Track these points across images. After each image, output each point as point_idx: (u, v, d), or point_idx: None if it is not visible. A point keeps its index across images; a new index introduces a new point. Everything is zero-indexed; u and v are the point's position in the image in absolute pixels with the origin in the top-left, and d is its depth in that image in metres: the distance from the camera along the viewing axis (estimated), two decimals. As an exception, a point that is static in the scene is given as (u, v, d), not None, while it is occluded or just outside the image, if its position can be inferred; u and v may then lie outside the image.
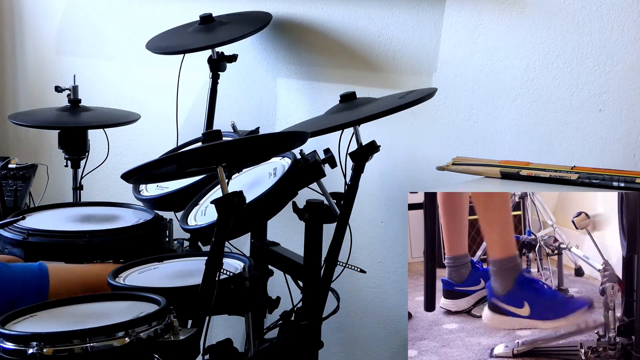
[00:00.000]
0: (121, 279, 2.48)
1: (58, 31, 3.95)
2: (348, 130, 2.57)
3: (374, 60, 3.04)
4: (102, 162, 3.40)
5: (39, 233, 2.71)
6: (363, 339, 3.18)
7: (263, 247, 2.90)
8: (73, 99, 3.31)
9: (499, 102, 2.80)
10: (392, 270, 3.08)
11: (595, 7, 2.61)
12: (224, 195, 2.23)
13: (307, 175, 2.57)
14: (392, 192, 3.05)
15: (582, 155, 2.65)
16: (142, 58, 3.39)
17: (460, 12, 2.85)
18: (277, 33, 3.26)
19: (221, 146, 2.26)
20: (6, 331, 2.07)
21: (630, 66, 2.57)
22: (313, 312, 2.61)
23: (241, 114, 3.34)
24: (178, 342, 2.10)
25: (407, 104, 2.51)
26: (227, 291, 2.39)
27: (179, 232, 2.75)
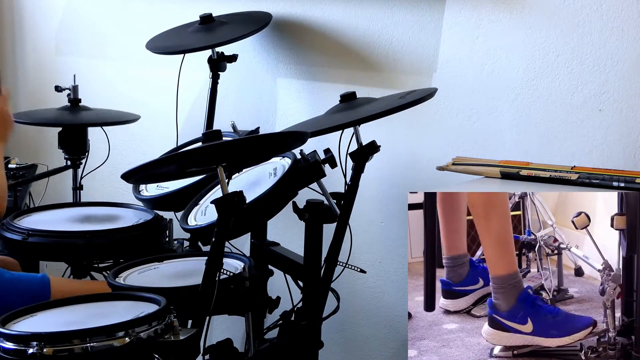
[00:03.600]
0: (121, 279, 2.48)
1: (58, 31, 3.95)
2: (348, 130, 2.57)
3: (374, 60, 3.04)
4: (103, 162, 3.40)
5: (39, 233, 2.71)
6: (363, 339, 3.18)
7: (263, 247, 2.90)
8: (73, 98, 3.32)
9: (499, 102, 2.80)
10: (392, 270, 3.08)
11: (595, 7, 2.61)
12: (224, 195, 2.23)
13: (307, 175, 2.57)
14: (392, 192, 3.05)
15: (582, 155, 2.65)
16: (142, 58, 3.39)
17: (460, 12, 2.85)
18: (277, 33, 3.26)
19: (221, 146, 2.26)
20: (6, 331, 2.07)
21: (630, 66, 2.57)
22: (313, 312, 2.61)
23: (241, 114, 3.34)
24: (178, 342, 2.10)
25: (407, 104, 2.51)
26: (227, 291, 2.39)
27: (179, 232, 2.75)
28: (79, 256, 2.71)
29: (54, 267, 3.14)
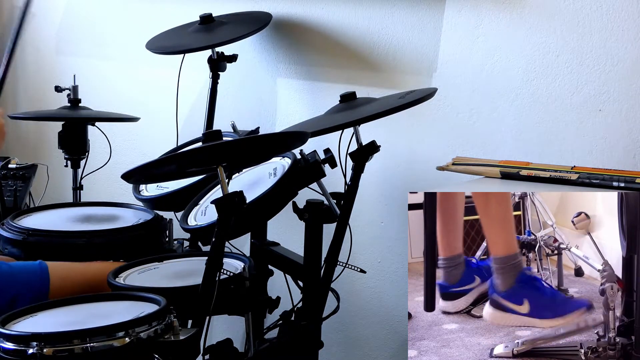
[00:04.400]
0: (121, 279, 2.48)
1: (58, 31, 3.95)
2: (348, 130, 2.57)
3: (374, 60, 3.04)
4: (105, 164, 3.40)
5: (39, 233, 2.71)
6: (363, 339, 3.18)
7: (263, 247, 2.90)
8: (73, 98, 3.32)
9: (499, 102, 2.80)
10: (392, 270, 3.08)
11: (595, 7, 2.61)
12: (224, 195, 2.23)
13: (307, 175, 2.57)
14: (392, 192, 3.05)
15: (582, 155, 2.65)
16: (142, 58, 3.39)
17: (460, 12, 2.85)
18: (277, 33, 3.26)
19: (221, 146, 2.26)
20: (6, 331, 2.07)
21: (630, 66, 2.57)
22: (313, 312, 2.61)
23: (241, 114, 3.34)
24: (178, 342, 2.10)
25: (407, 104, 2.51)
26: (227, 291, 2.39)
27: (179, 232, 2.75)
28: (79, 256, 2.70)
29: (54, 267, 3.14)
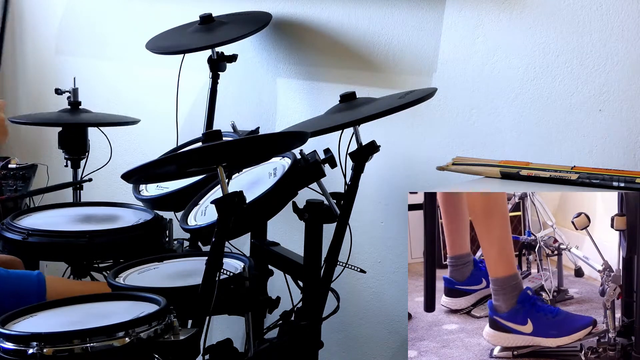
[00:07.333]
0: (121, 279, 2.48)
1: (58, 31, 3.95)
2: (348, 130, 2.57)
3: (374, 60, 3.04)
4: (105, 164, 3.40)
5: (39, 233, 2.71)
6: (363, 339, 3.18)
7: (263, 247, 2.90)
8: (73, 101, 3.32)
9: (499, 102, 2.80)
10: (392, 271, 3.08)
11: (595, 7, 2.61)
12: (224, 195, 2.23)
13: (307, 175, 2.57)
14: (392, 192, 3.05)
15: (582, 155, 2.65)
16: (142, 58, 3.39)
17: (460, 12, 2.85)
18: (277, 33, 3.26)
19: (221, 146, 2.26)
20: (6, 331, 2.07)
21: (630, 66, 2.57)
22: (313, 312, 2.61)
23: (241, 114, 3.34)
24: (178, 342, 2.10)
25: (407, 104, 2.51)
26: (227, 291, 2.39)
27: (179, 232, 2.75)
28: (79, 256, 2.70)
29: (54, 267, 3.14)
